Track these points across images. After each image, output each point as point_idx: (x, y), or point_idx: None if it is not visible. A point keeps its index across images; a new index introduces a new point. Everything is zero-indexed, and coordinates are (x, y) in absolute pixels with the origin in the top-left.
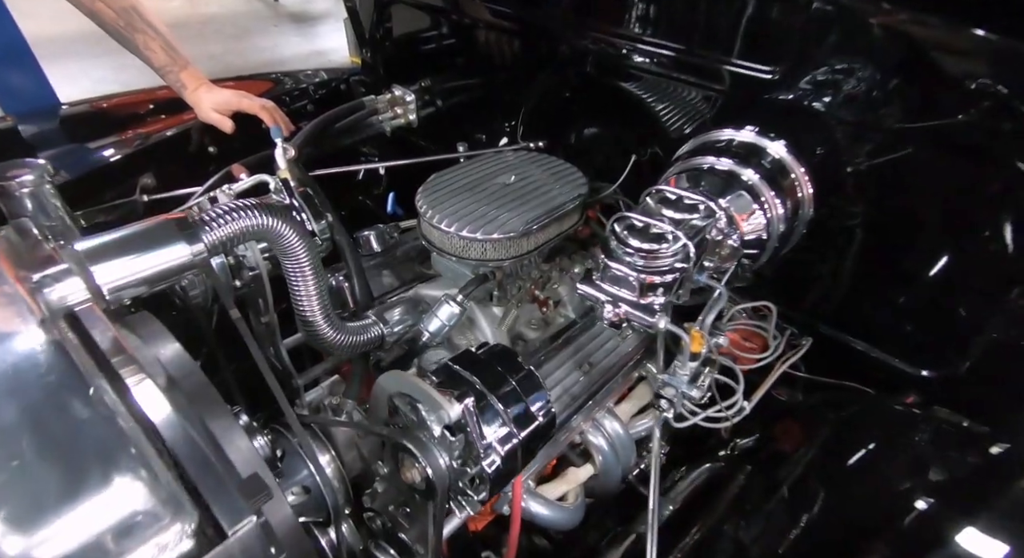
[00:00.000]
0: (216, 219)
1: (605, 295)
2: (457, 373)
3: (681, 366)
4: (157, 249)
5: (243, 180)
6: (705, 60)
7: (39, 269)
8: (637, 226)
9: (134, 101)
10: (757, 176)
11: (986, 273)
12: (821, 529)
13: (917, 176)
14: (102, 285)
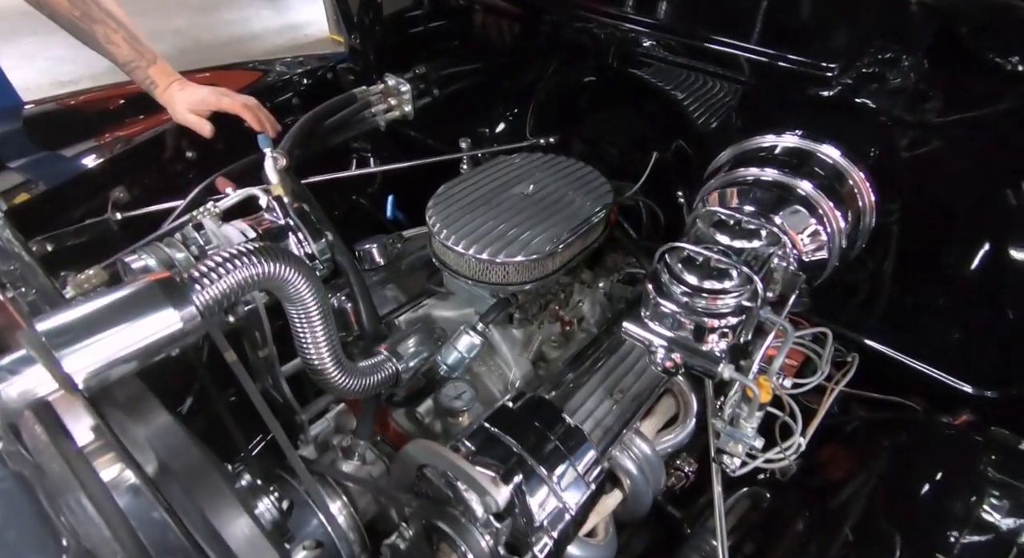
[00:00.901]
0: (208, 274)
1: (658, 339)
2: (495, 438)
3: (747, 417)
4: (139, 319)
5: (229, 195)
6: (743, 53)
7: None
8: (695, 260)
9: (103, 99)
10: (811, 186)
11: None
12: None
13: (978, 180)
14: (74, 373)
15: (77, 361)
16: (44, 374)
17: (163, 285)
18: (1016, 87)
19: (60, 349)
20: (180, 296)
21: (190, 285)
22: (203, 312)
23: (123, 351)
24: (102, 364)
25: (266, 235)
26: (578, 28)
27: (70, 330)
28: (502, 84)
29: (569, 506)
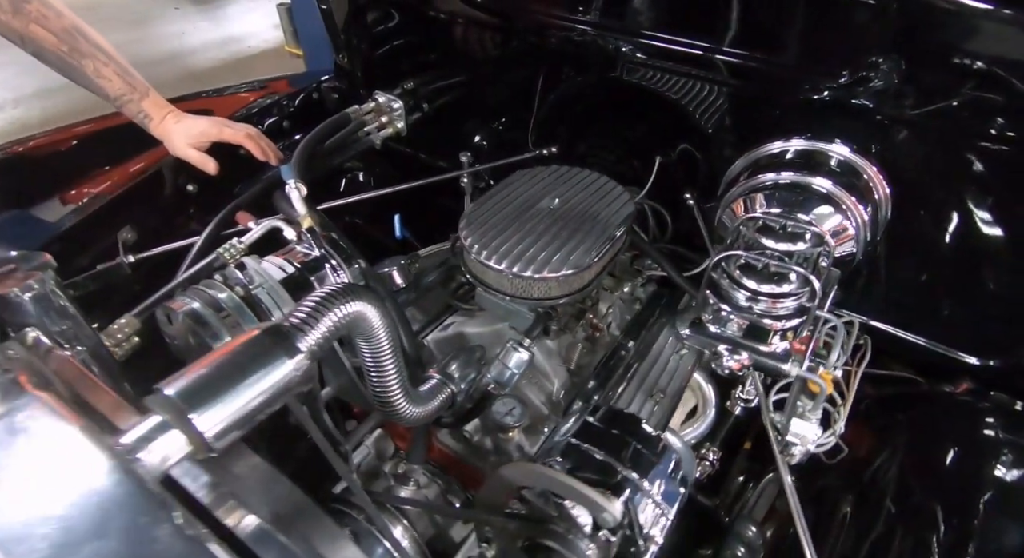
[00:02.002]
0: (307, 319)
1: (723, 343)
2: (588, 453)
3: (813, 409)
4: (258, 372)
5: (252, 229)
6: (742, 60)
7: (120, 424)
8: (754, 266)
9: (88, 134)
10: (831, 183)
11: None
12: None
13: (952, 164)
14: (207, 432)
15: (208, 420)
16: (179, 437)
17: (272, 335)
18: (968, 80)
19: (192, 410)
20: (289, 344)
21: (294, 332)
22: (311, 357)
23: (248, 406)
24: (232, 421)
25: (304, 268)
26: (564, 38)
27: (195, 390)
28: (493, 96)
29: (668, 512)
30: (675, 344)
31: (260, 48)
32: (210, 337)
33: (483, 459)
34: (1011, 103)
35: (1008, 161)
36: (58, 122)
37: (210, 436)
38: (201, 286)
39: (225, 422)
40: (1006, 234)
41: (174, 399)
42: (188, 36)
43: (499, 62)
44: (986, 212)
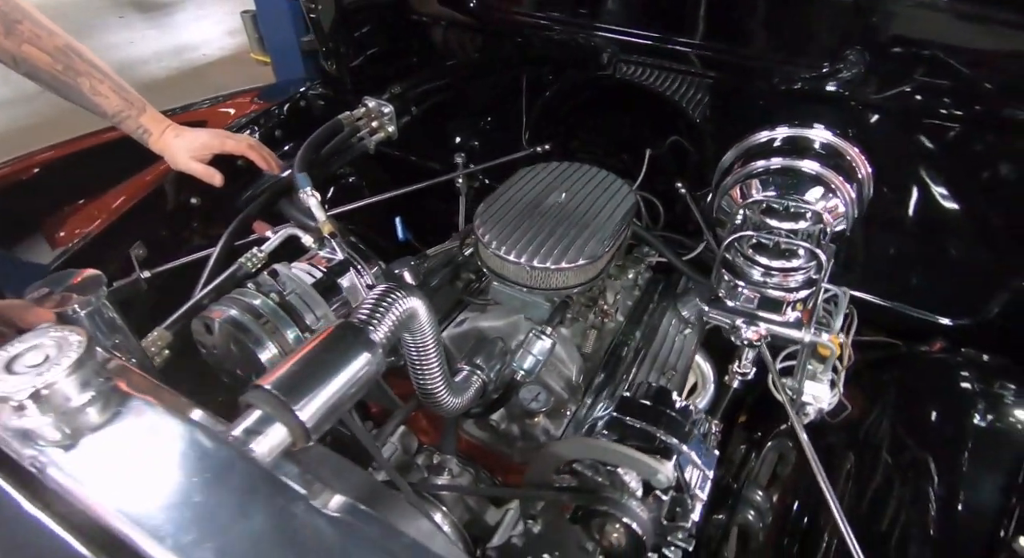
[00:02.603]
0: (372, 316)
1: (741, 317)
2: (631, 425)
3: (824, 371)
4: (344, 365)
5: (270, 237)
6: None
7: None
8: (766, 245)
9: (85, 150)
10: (818, 164)
11: (1010, 226)
12: (952, 494)
13: (927, 144)
14: (307, 421)
15: (307, 411)
16: (281, 429)
17: (350, 331)
18: (919, 66)
19: (294, 403)
20: (365, 339)
21: (366, 328)
22: (383, 351)
23: (338, 396)
24: (326, 412)
25: (330, 272)
26: (549, 39)
27: (292, 385)
28: (482, 97)
29: (707, 472)
30: (679, 325)
31: (216, 56)
32: (252, 343)
33: (511, 445)
34: (955, 85)
35: (957, 138)
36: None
37: (310, 425)
38: (235, 295)
39: (321, 413)
40: (962, 205)
41: (275, 393)
42: (137, 45)
43: (485, 64)
44: (943, 186)
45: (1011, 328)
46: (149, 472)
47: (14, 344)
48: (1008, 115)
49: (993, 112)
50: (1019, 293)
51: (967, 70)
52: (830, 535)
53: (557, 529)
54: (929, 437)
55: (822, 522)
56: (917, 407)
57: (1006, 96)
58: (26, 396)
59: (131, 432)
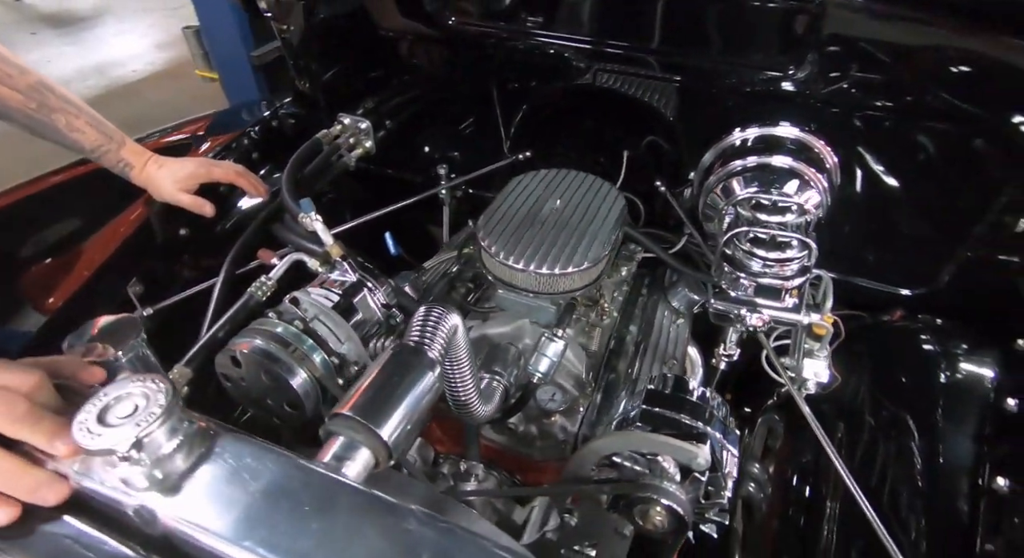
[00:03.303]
0: (425, 334)
1: (745, 306)
2: (661, 415)
3: (820, 349)
4: (413, 386)
5: (275, 264)
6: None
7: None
8: (762, 238)
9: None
10: (790, 159)
11: (958, 202)
12: (932, 447)
13: (870, 133)
14: (389, 441)
15: (387, 431)
16: (367, 453)
17: (411, 353)
18: (855, 63)
19: (377, 426)
20: (426, 358)
21: (423, 348)
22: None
23: (412, 415)
24: (403, 430)
25: (345, 294)
26: (516, 49)
27: (370, 409)
28: (457, 108)
29: (733, 451)
30: (671, 316)
31: (147, 71)
32: (285, 371)
33: (530, 445)
34: (887, 79)
35: (894, 126)
36: None
37: (391, 446)
38: (259, 325)
39: (399, 432)
40: (906, 186)
41: (358, 419)
42: (55, 64)
43: (456, 75)
44: (889, 170)
45: (959, 293)
46: (258, 507)
47: (100, 398)
48: (930, 102)
49: (918, 101)
50: (964, 262)
51: (894, 64)
52: (832, 500)
53: (594, 519)
54: (904, 397)
55: (824, 489)
56: (889, 372)
57: (927, 85)
58: (128, 447)
59: (226, 470)
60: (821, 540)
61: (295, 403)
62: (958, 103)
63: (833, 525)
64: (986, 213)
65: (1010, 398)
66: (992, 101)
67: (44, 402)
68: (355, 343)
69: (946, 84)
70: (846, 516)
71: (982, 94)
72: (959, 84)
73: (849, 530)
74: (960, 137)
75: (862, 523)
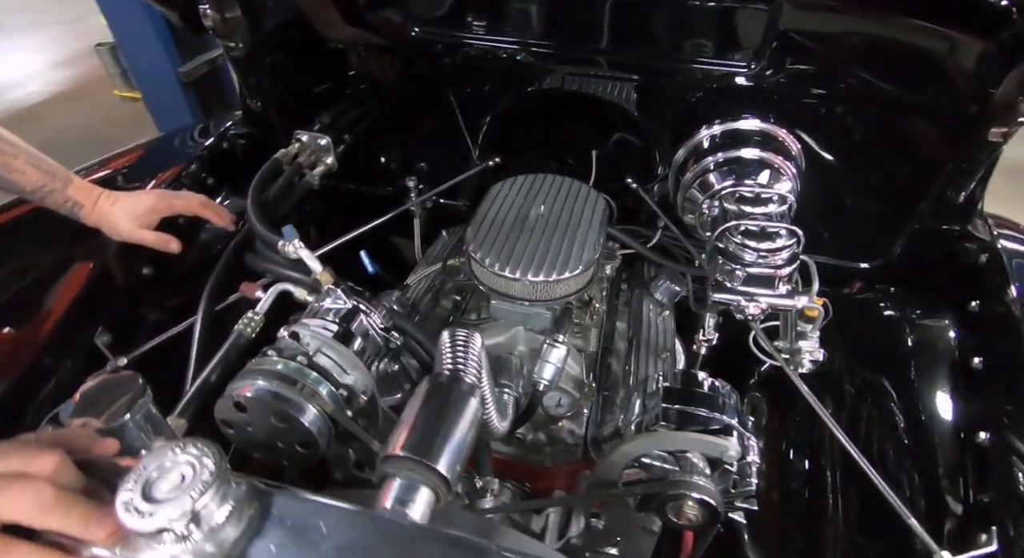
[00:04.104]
0: (458, 362)
1: (744, 297)
2: (683, 411)
3: (812, 330)
4: (459, 416)
5: (259, 298)
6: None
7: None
8: (753, 231)
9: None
10: (758, 150)
11: (905, 180)
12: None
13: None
14: (447, 474)
15: (444, 465)
16: (426, 491)
17: (450, 382)
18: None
19: (433, 462)
20: (464, 384)
21: (460, 374)
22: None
23: (463, 444)
24: (458, 462)
25: (342, 321)
26: (475, 56)
27: (421, 445)
28: (416, 116)
29: (755, 442)
30: (656, 309)
31: (49, 92)
32: (296, 411)
33: (540, 453)
34: (836, 68)
35: (843, 113)
36: None
37: (450, 479)
38: (259, 366)
39: (455, 464)
40: (855, 167)
41: (413, 457)
42: None
43: (421, 84)
44: (838, 154)
45: (910, 263)
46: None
47: (140, 472)
48: (878, 89)
49: (867, 88)
50: (913, 234)
51: (843, 55)
52: (831, 469)
53: (621, 520)
54: (877, 363)
55: (822, 460)
56: (858, 341)
57: (875, 74)
58: (185, 524)
59: (289, 533)
60: (827, 508)
61: (308, 442)
62: (903, 90)
63: (837, 494)
64: (930, 188)
65: (975, 356)
66: (932, 87)
67: (68, 484)
68: (361, 372)
69: (891, 72)
70: (847, 483)
71: (924, 80)
72: (903, 72)
73: (852, 496)
74: (904, 121)
75: (864, 488)
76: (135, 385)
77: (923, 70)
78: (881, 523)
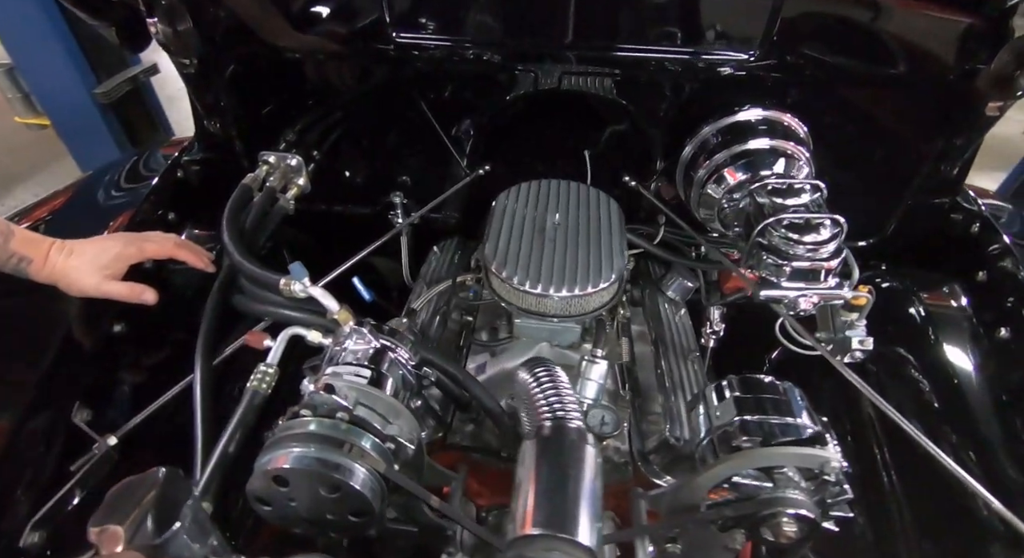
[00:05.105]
0: (555, 404)
1: (794, 292)
2: (763, 423)
3: (859, 318)
4: (582, 469)
5: (269, 346)
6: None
7: None
8: (798, 224)
9: None
10: (767, 139)
11: (899, 156)
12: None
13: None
14: (591, 544)
15: (584, 533)
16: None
17: (561, 434)
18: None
19: (571, 533)
20: (574, 431)
21: (565, 420)
22: None
23: (595, 500)
24: (595, 522)
25: (373, 363)
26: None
27: (553, 516)
28: (393, 126)
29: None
30: (671, 308)
31: None
32: (348, 477)
33: None
34: (833, 52)
35: (839, 95)
36: None
37: (595, 547)
38: (294, 430)
39: (594, 526)
40: (851, 147)
41: (549, 534)
42: None
43: (402, 92)
44: (834, 133)
45: (902, 239)
46: None
47: None
48: (872, 70)
49: (862, 69)
50: (906, 210)
51: (840, 39)
52: (878, 446)
53: (701, 542)
54: (892, 335)
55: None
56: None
57: (870, 56)
58: None
59: None
60: (883, 486)
61: (363, 510)
62: (898, 70)
63: (890, 470)
64: (924, 165)
65: (1002, 328)
66: (926, 65)
67: None
68: (406, 418)
69: (887, 53)
70: (898, 457)
71: (918, 59)
72: (897, 52)
73: (906, 469)
74: (900, 100)
75: (915, 459)
76: (176, 485)
77: (917, 49)
78: (948, 499)
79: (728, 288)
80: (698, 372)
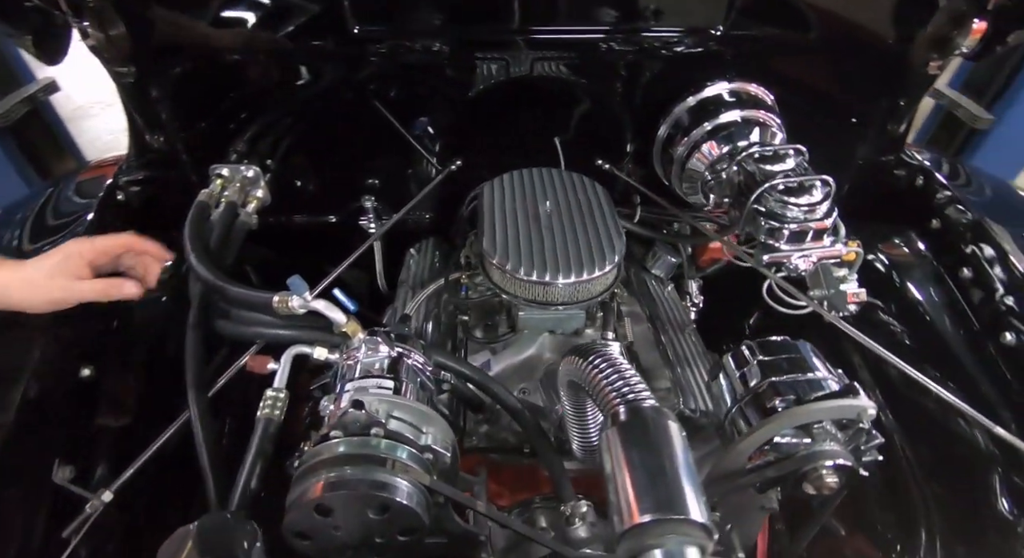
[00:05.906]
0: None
1: (796, 253)
2: (794, 382)
3: (850, 274)
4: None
5: (273, 369)
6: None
7: None
8: (792, 187)
9: None
10: (740, 110)
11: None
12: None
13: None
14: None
15: (695, 510)
16: (694, 550)
17: (643, 415)
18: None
19: (684, 513)
20: (655, 410)
21: (640, 401)
22: None
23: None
24: (701, 497)
25: (391, 371)
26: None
27: (660, 499)
28: (356, 128)
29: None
30: (659, 285)
31: None
32: (395, 494)
33: None
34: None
35: (792, 61)
36: None
37: (708, 524)
38: (320, 456)
39: (703, 503)
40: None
41: (662, 518)
42: None
43: (361, 89)
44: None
45: (857, 197)
46: None
47: None
48: (823, 36)
49: (816, 35)
50: (857, 170)
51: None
52: (888, 398)
53: (737, 506)
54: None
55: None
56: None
57: (822, 23)
58: None
59: None
60: (885, 430)
61: (413, 526)
62: (842, 36)
63: (886, 412)
64: (871, 124)
65: (963, 268)
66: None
67: None
68: (439, 425)
69: (832, 22)
70: (893, 402)
71: (859, 26)
72: (841, 20)
73: (901, 411)
74: (849, 64)
75: (909, 401)
76: (232, 532)
77: (861, 16)
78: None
79: (704, 261)
80: (697, 344)
